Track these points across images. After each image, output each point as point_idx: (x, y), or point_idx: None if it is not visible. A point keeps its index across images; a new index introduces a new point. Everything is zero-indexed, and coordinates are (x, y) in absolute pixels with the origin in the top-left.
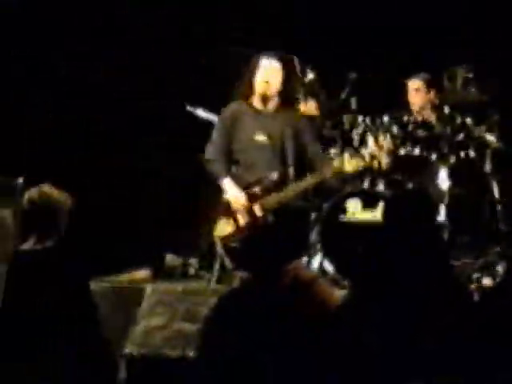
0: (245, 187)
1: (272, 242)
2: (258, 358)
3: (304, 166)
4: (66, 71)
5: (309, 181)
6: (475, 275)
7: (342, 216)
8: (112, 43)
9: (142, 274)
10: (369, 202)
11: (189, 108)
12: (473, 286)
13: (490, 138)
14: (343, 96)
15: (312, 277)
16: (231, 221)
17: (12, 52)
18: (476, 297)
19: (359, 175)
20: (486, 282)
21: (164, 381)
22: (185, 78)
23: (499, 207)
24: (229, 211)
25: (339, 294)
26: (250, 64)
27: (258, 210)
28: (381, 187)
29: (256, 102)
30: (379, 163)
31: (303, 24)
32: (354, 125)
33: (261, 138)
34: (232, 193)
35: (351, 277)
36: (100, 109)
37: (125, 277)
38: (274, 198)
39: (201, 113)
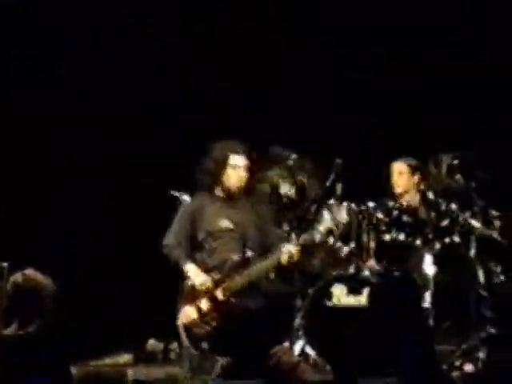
0: (207, 271)
1: (255, 327)
2: None
3: (265, 250)
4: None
5: (268, 263)
6: (457, 361)
7: (326, 301)
8: None
9: (124, 358)
10: (354, 287)
11: (173, 193)
12: (456, 373)
13: (475, 223)
14: (328, 182)
15: (294, 361)
16: (194, 307)
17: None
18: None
19: (346, 260)
20: (468, 368)
21: None
22: None
23: (484, 293)
24: (191, 297)
25: (321, 379)
26: (215, 158)
27: (219, 294)
28: (366, 272)
29: (221, 192)
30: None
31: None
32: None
33: (225, 224)
34: (197, 278)
35: (334, 362)
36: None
37: (107, 361)
38: (235, 282)
39: (186, 198)
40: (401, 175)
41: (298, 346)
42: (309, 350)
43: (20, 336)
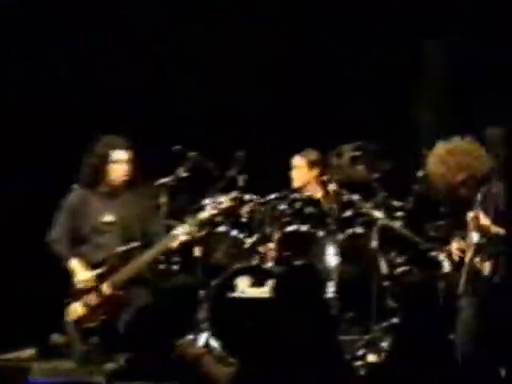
0: (94, 266)
1: (157, 321)
2: None
3: (149, 242)
4: None
5: (149, 254)
6: (360, 351)
7: (230, 293)
8: None
9: (28, 352)
10: (258, 279)
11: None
12: (358, 363)
13: (377, 214)
14: (231, 173)
15: (198, 354)
16: (82, 302)
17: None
18: (362, 373)
19: (249, 251)
20: (371, 358)
21: None
22: None
23: (387, 283)
24: (79, 293)
25: (226, 371)
26: (97, 153)
27: (106, 288)
28: (269, 264)
29: (104, 187)
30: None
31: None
32: (241, 201)
33: (109, 218)
34: (80, 274)
35: (239, 354)
36: None
37: (10, 356)
38: (121, 274)
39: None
40: (297, 169)
41: (202, 339)
42: (213, 343)
43: None
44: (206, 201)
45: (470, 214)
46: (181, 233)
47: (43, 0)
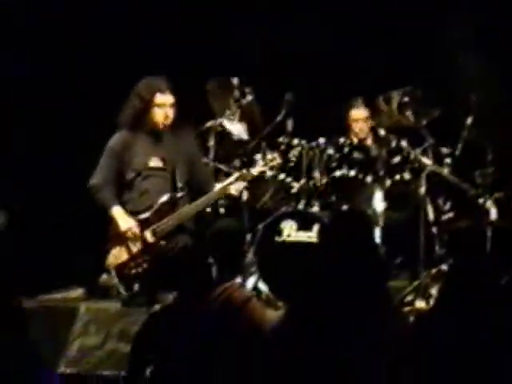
0: (136, 213)
1: (202, 263)
2: (190, 376)
3: (195, 189)
4: None
5: (197, 205)
6: (409, 297)
7: (277, 237)
8: None
9: (76, 292)
10: (304, 224)
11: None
12: (407, 309)
13: (426, 161)
14: (279, 118)
15: (246, 297)
16: (124, 249)
17: None
18: (411, 319)
19: (296, 195)
20: (420, 304)
21: None
22: None
23: (434, 230)
24: (120, 239)
25: (274, 314)
26: (141, 96)
27: (149, 236)
28: (316, 208)
29: (149, 129)
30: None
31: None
32: (289, 146)
33: (155, 163)
34: (122, 221)
35: (286, 297)
36: None
37: (58, 296)
38: (165, 223)
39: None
40: (361, 122)
41: (250, 282)
42: (261, 286)
43: None
44: (257, 156)
45: None
46: (230, 187)
47: None
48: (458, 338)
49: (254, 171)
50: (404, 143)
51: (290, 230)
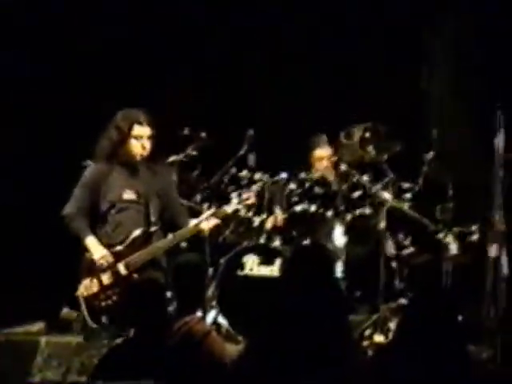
0: (111, 246)
1: (162, 298)
2: None
3: (167, 222)
4: None
5: (170, 240)
6: (368, 331)
7: (239, 271)
8: None
9: (37, 326)
10: (266, 258)
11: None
12: (366, 343)
13: (386, 195)
14: (241, 152)
15: (206, 331)
16: (95, 280)
17: None
18: (369, 353)
19: (257, 231)
20: (378, 338)
21: None
22: None
23: (394, 264)
24: (92, 270)
25: (234, 348)
26: (118, 127)
27: (122, 268)
28: (277, 243)
29: (125, 161)
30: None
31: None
32: (251, 181)
33: (129, 196)
34: (95, 251)
35: (247, 332)
36: None
37: (20, 329)
38: (138, 256)
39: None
40: (324, 160)
41: (210, 316)
42: (221, 320)
43: None
44: (233, 195)
45: None
46: (203, 224)
47: None
48: (417, 371)
49: (229, 209)
50: (365, 178)
51: (252, 265)
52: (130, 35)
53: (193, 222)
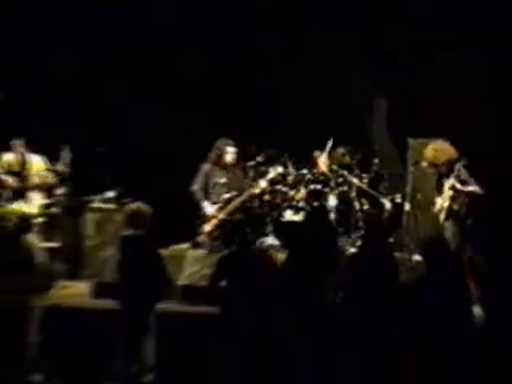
0: (214, 203)
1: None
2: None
3: (240, 191)
4: None
5: (243, 198)
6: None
7: (282, 218)
8: None
9: (185, 245)
10: (296, 211)
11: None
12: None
13: (354, 180)
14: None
15: (266, 247)
16: (210, 222)
17: None
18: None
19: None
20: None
21: None
22: None
23: (359, 215)
24: (207, 218)
25: (281, 257)
26: (218, 148)
27: (222, 215)
28: (300, 204)
29: (222, 166)
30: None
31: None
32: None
33: (223, 180)
34: (208, 208)
35: (288, 249)
36: None
37: (177, 247)
38: (229, 208)
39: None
40: (323, 163)
41: (269, 239)
42: (275, 242)
43: (136, 236)
44: (270, 169)
45: (450, 181)
46: (256, 188)
47: None
48: (372, 270)
49: (269, 176)
50: (345, 172)
51: (289, 215)
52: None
53: (250, 188)
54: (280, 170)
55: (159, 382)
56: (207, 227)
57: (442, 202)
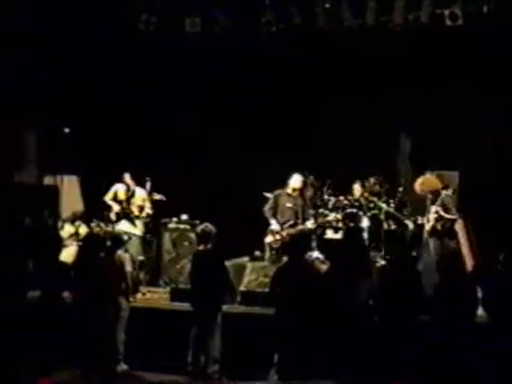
0: (281, 223)
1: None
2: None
3: (303, 219)
4: None
5: (302, 228)
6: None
7: (324, 236)
8: None
9: (245, 258)
10: (336, 231)
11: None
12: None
13: (383, 205)
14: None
15: (313, 260)
16: (276, 235)
17: None
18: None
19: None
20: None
21: None
22: None
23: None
24: (272, 232)
25: (325, 267)
26: (288, 177)
27: (284, 233)
28: (339, 224)
29: (289, 191)
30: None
31: None
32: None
33: (289, 205)
34: (274, 225)
35: (330, 261)
36: None
37: (238, 260)
38: (290, 231)
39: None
40: (357, 190)
41: (314, 254)
42: (319, 255)
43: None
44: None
45: (434, 207)
46: (312, 223)
47: None
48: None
49: (328, 218)
50: (375, 199)
51: (330, 234)
52: None
53: (308, 222)
54: (339, 216)
55: (223, 373)
56: (270, 238)
57: (427, 222)
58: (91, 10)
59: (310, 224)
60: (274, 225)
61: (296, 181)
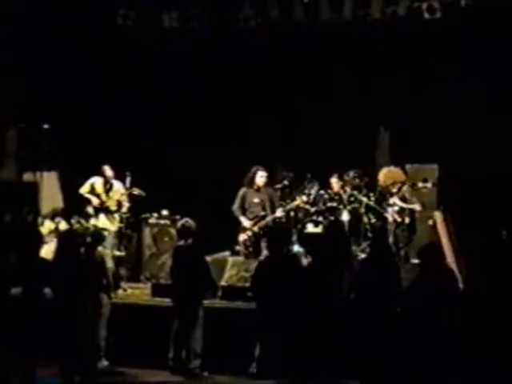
0: (250, 220)
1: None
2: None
3: (272, 211)
4: None
5: (272, 217)
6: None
7: (305, 230)
8: None
9: (226, 253)
10: (316, 224)
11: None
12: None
13: (363, 199)
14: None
15: (294, 254)
16: (248, 232)
17: None
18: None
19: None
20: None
21: None
22: None
23: (368, 227)
24: (244, 230)
25: (305, 261)
26: (251, 172)
27: (256, 228)
28: (320, 218)
29: (256, 188)
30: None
31: None
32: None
33: (257, 200)
34: (245, 222)
35: (311, 255)
36: None
37: (218, 254)
38: (261, 223)
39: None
40: (336, 184)
41: (295, 248)
42: (299, 249)
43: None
44: (297, 197)
45: (393, 199)
46: (280, 211)
47: None
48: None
49: (293, 204)
50: (355, 192)
51: (310, 228)
52: None
53: (278, 211)
54: (304, 198)
55: (205, 367)
56: (243, 236)
57: (388, 214)
58: (69, 4)
59: (278, 212)
60: (245, 222)
61: (261, 177)
